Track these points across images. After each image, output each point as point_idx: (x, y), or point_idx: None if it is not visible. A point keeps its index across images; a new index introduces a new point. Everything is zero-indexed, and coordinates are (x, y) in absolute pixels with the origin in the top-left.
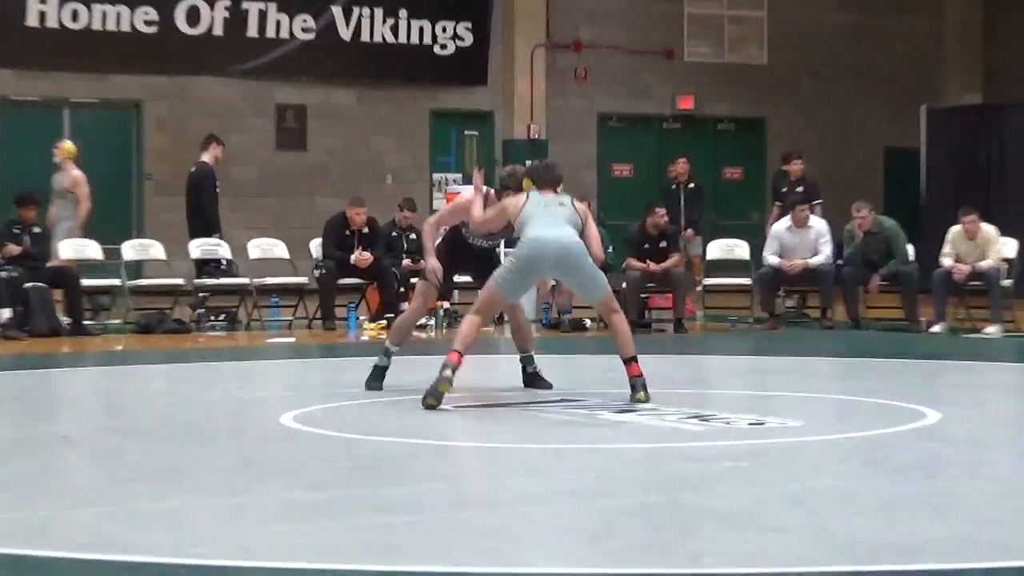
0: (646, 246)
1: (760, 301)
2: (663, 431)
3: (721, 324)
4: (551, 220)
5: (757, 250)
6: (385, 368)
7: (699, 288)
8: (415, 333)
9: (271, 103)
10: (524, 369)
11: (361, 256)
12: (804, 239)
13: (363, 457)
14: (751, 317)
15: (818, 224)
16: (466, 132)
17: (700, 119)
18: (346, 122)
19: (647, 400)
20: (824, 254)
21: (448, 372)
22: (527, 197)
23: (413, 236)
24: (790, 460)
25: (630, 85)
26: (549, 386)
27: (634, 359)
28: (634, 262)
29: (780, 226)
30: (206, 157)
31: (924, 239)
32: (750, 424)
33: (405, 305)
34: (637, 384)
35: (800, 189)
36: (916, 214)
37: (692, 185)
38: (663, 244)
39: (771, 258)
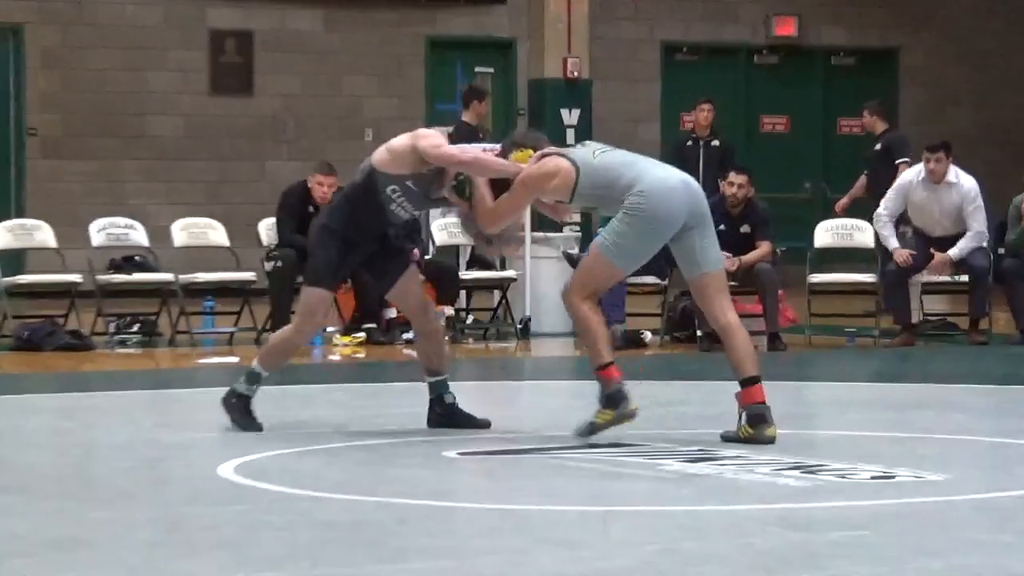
0: (721, 227)
1: (887, 306)
2: (752, 488)
3: (834, 338)
4: (647, 161)
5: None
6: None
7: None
8: (405, 351)
9: (202, 28)
10: (439, 401)
11: None
12: (943, 201)
13: (333, 523)
14: (875, 329)
15: (965, 182)
16: (477, 69)
17: (806, 50)
18: (308, 56)
19: (773, 438)
20: (976, 230)
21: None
22: (572, 151)
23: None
24: (929, 528)
25: (707, 3)
26: (485, 424)
27: (757, 379)
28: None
29: (909, 176)
30: (466, 117)
31: None
32: (873, 478)
33: (391, 312)
34: (758, 414)
35: (878, 147)
36: None
37: (715, 142)
38: (745, 227)
39: (887, 230)
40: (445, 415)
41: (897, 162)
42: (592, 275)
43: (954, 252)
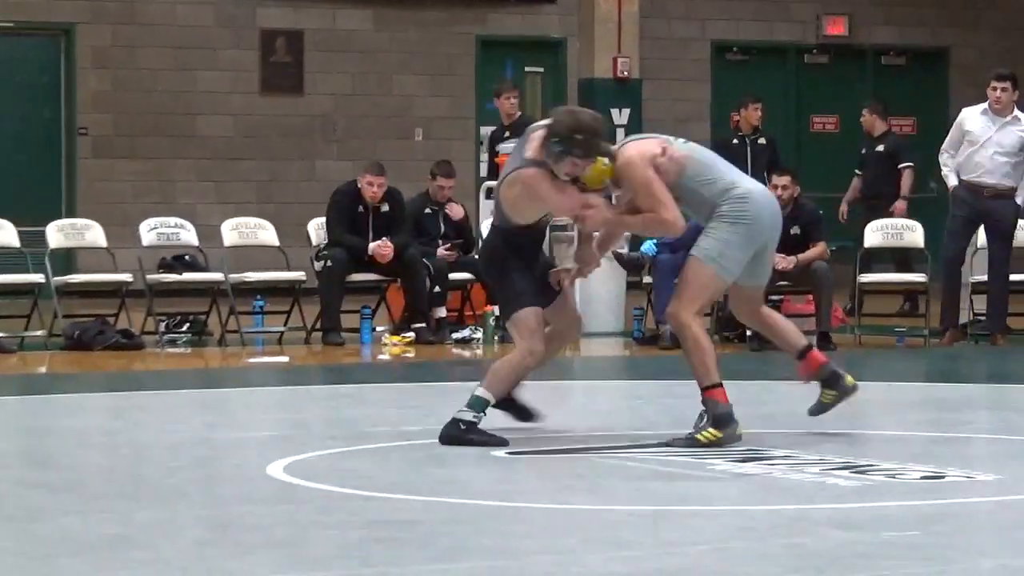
0: None
1: (942, 300)
2: (802, 487)
3: (884, 338)
4: (733, 167)
5: (936, 234)
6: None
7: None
8: (455, 350)
9: (254, 28)
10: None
11: (382, 245)
12: (1004, 137)
13: (382, 523)
14: (925, 329)
15: None
16: (527, 69)
17: (857, 50)
18: (359, 55)
19: (854, 388)
20: None
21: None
22: (671, 146)
23: (452, 213)
24: (980, 529)
25: (758, 2)
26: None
27: (812, 347)
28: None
29: (972, 111)
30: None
31: None
32: (923, 477)
33: (441, 311)
34: (828, 375)
35: (880, 148)
36: None
37: (762, 140)
38: (795, 228)
39: (949, 165)
40: (504, 403)
41: (901, 166)
42: (700, 289)
43: (1022, 200)
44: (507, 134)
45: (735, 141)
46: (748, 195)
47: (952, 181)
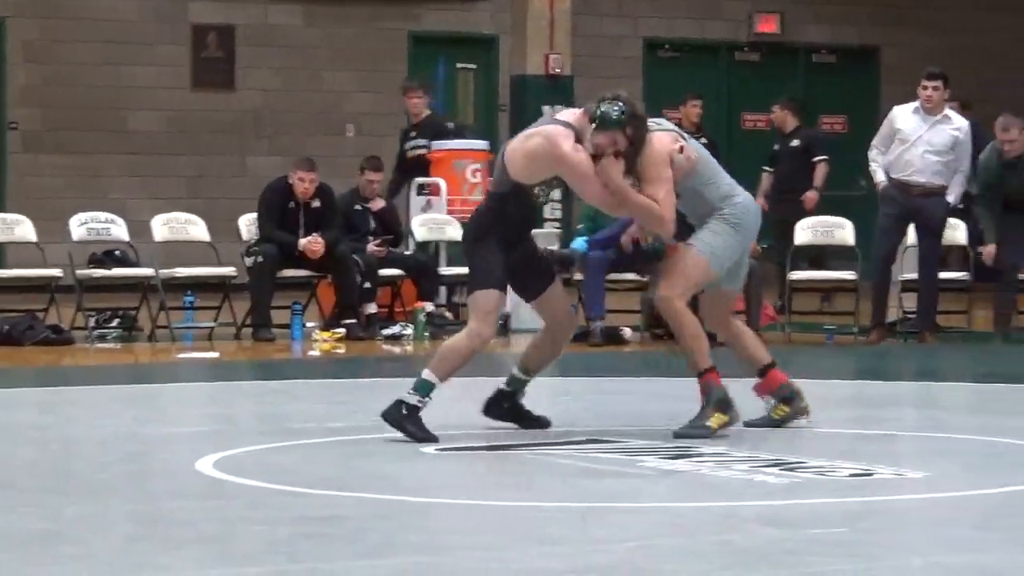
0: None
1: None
2: (731, 485)
3: (813, 336)
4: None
5: (865, 231)
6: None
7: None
8: (385, 346)
9: (185, 23)
10: (510, 396)
11: (312, 241)
12: (934, 136)
13: (311, 519)
14: (855, 326)
15: (960, 123)
16: (459, 65)
17: (788, 48)
18: (290, 51)
19: (807, 412)
20: (965, 169)
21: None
22: (688, 144)
23: (372, 204)
24: (909, 526)
25: (690, 0)
26: (546, 423)
27: (774, 364)
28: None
29: (903, 109)
30: None
31: None
32: (852, 475)
33: (372, 307)
34: (789, 393)
35: (795, 144)
36: None
37: (704, 140)
38: None
39: (878, 162)
40: (511, 411)
41: (816, 160)
42: (689, 277)
43: (952, 199)
44: (414, 133)
45: None
46: (747, 203)
47: (880, 177)
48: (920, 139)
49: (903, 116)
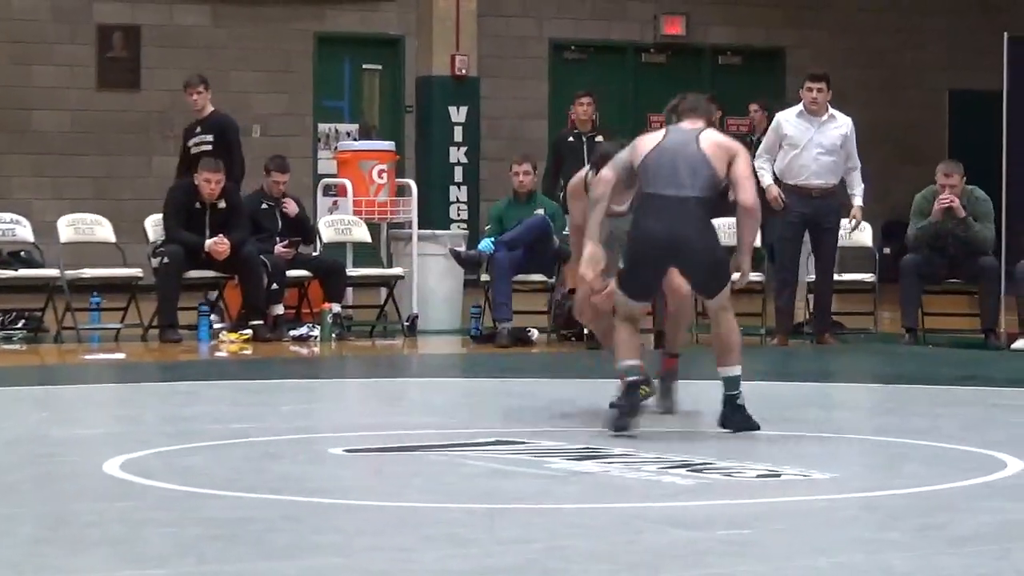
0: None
1: (775, 300)
2: (637, 486)
3: None
4: None
5: (773, 233)
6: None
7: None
8: (293, 347)
9: (90, 23)
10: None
11: (218, 242)
12: (823, 137)
13: (218, 520)
14: (762, 328)
15: (844, 120)
16: (365, 66)
17: (694, 49)
18: (196, 51)
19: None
20: (859, 180)
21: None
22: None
23: (288, 210)
24: (815, 526)
25: (596, 1)
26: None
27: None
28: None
29: (787, 115)
30: None
31: (1010, 216)
32: (759, 476)
33: (279, 308)
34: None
35: (599, 138)
36: (992, 180)
37: (599, 138)
38: None
39: (766, 167)
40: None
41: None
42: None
43: (858, 200)
44: (198, 129)
45: (571, 139)
46: None
47: (767, 181)
48: (811, 142)
49: (788, 121)
